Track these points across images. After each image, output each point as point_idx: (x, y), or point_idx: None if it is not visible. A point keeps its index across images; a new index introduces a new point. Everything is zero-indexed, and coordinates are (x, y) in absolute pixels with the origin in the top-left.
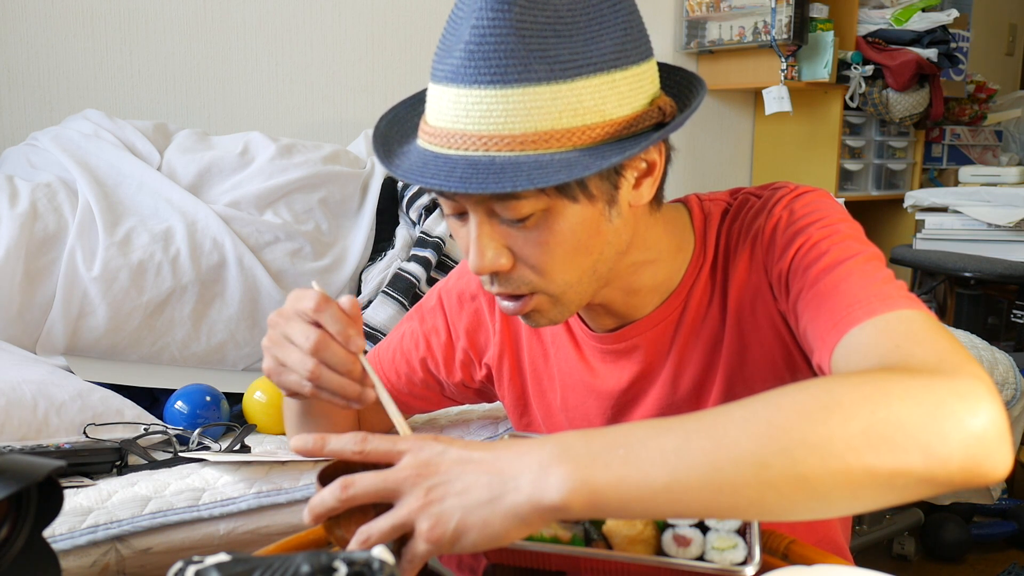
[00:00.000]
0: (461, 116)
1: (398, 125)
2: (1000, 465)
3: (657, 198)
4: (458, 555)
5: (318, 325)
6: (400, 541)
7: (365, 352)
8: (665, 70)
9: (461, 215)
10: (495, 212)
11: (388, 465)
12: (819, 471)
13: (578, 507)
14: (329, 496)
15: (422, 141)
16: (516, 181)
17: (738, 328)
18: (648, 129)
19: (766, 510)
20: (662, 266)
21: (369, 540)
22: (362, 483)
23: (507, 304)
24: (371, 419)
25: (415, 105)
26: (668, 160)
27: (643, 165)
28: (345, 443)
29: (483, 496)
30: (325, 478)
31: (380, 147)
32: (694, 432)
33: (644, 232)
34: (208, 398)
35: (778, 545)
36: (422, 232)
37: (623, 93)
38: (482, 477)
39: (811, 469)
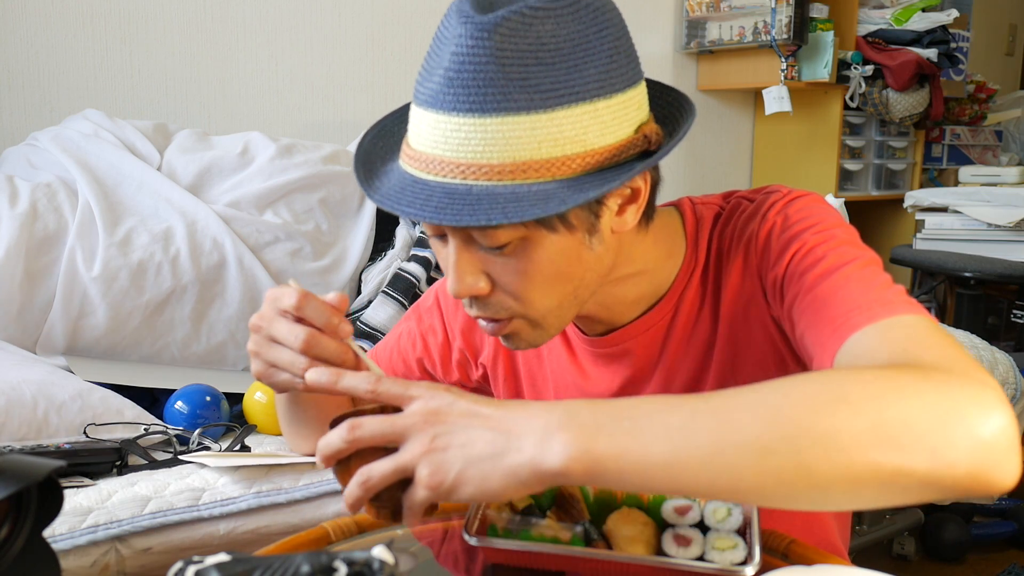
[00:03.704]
0: (440, 142)
1: (384, 139)
2: (1007, 476)
3: (646, 215)
4: (456, 555)
5: (303, 321)
6: (401, 488)
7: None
8: (656, 90)
9: (441, 236)
10: (473, 239)
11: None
12: (822, 463)
13: (577, 474)
14: (336, 437)
15: (404, 163)
16: (491, 214)
17: (730, 333)
18: (632, 158)
19: (765, 496)
20: (647, 277)
21: (369, 480)
22: (369, 425)
23: (486, 325)
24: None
25: (403, 116)
26: (655, 185)
27: (627, 192)
28: (359, 381)
29: (485, 451)
30: (336, 424)
31: (361, 167)
32: (701, 412)
33: (629, 248)
34: (208, 398)
35: (778, 545)
36: (422, 232)
37: (606, 122)
38: (487, 433)
39: (814, 460)
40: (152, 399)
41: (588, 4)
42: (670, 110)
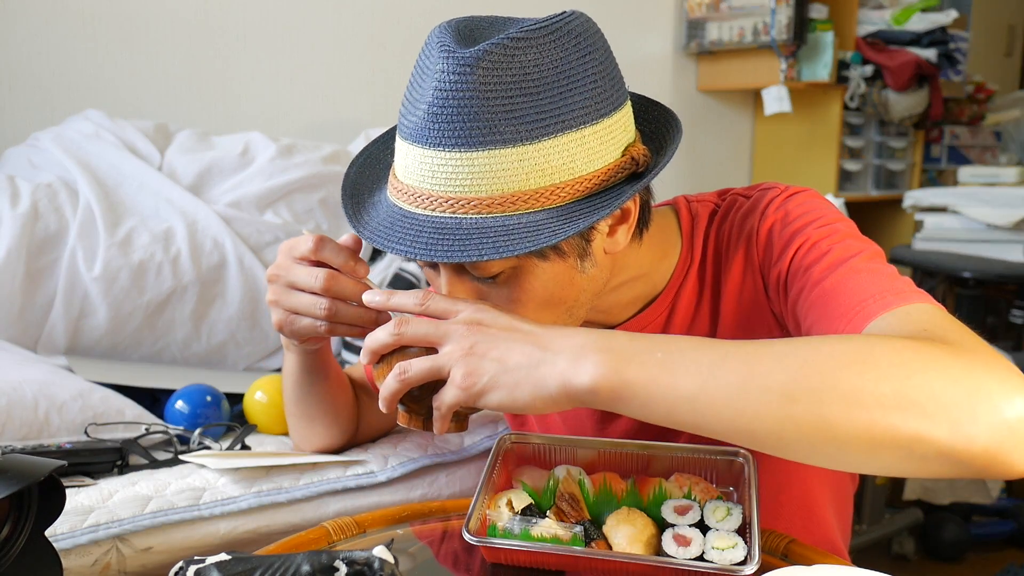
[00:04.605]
0: (427, 176)
1: (371, 168)
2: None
3: (639, 229)
4: (456, 554)
5: (320, 264)
6: (430, 391)
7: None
8: (641, 104)
9: (433, 266)
10: (465, 269)
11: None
12: (843, 419)
13: (604, 395)
14: (383, 332)
15: (391, 195)
16: (482, 250)
17: (731, 330)
18: (620, 181)
19: (783, 444)
20: (642, 280)
21: (406, 373)
22: (415, 324)
23: None
24: (371, 406)
25: (388, 142)
26: (647, 202)
27: (617, 213)
28: (408, 298)
29: (520, 362)
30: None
31: (349, 199)
32: (731, 355)
33: (623, 260)
34: (209, 398)
35: (778, 545)
36: None
37: (593, 148)
38: (525, 346)
39: (835, 415)
40: (153, 399)
41: (570, 30)
42: (656, 125)
